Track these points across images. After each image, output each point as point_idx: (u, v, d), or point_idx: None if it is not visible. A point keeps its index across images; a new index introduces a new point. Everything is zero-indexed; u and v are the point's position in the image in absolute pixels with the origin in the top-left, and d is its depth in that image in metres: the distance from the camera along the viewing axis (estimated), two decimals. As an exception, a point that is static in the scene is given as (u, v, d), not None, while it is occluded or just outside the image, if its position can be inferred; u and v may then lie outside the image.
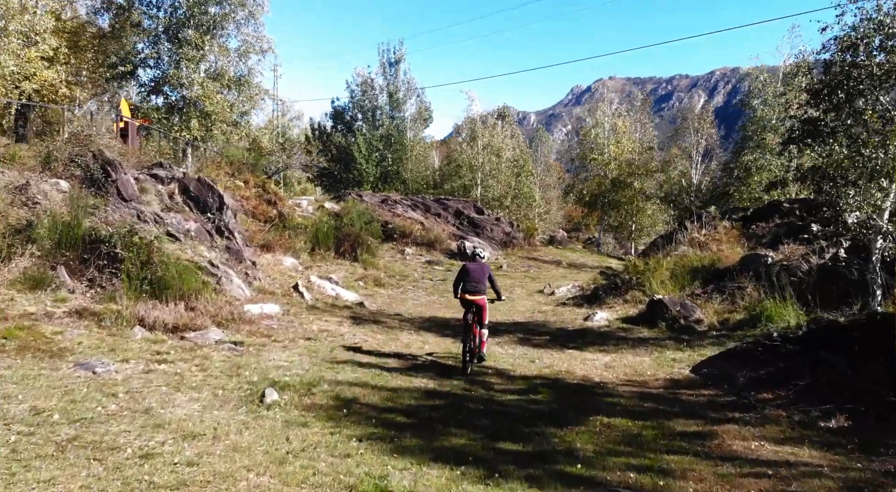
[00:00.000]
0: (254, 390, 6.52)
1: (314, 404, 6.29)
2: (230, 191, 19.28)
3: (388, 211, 26.20)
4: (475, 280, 9.27)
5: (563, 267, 24.61)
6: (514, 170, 39.18)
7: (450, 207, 29.01)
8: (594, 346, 10.78)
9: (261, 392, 6.42)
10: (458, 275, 9.61)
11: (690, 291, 13.81)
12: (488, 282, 9.41)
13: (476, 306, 9.13)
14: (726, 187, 30.13)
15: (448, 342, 10.62)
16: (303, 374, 7.36)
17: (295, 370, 7.51)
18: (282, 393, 6.51)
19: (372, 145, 43.20)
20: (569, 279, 20.59)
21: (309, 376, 7.31)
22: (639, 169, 34.50)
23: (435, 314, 13.89)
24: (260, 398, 6.28)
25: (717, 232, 16.16)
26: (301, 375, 7.31)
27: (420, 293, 16.88)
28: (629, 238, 36.83)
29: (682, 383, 8.21)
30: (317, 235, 19.04)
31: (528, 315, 14.33)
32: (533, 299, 16.67)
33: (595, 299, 15.08)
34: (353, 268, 18.57)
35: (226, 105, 23.97)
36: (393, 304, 14.94)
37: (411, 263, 21.85)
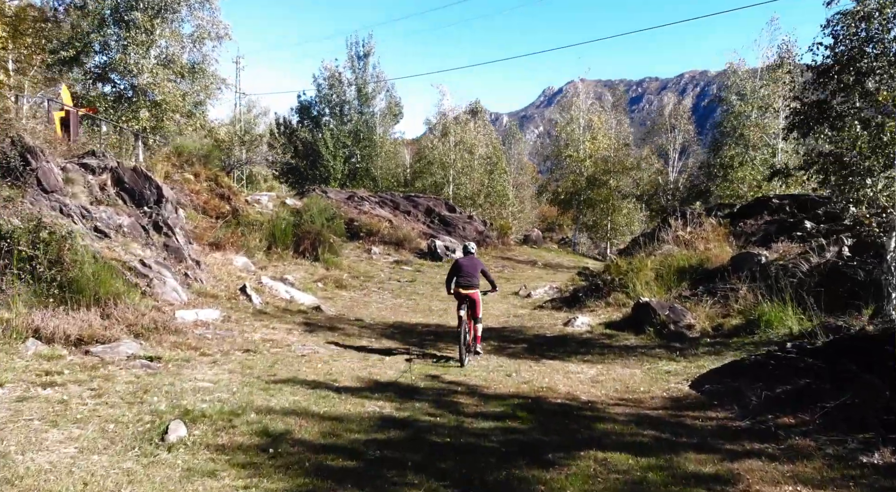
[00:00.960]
0: (156, 423, 5.11)
1: (232, 442, 4.90)
2: (178, 184, 17.69)
3: (354, 208, 24.77)
4: (468, 274, 9.36)
5: (538, 267, 23.45)
6: (487, 167, 38.02)
7: (420, 204, 27.67)
8: (577, 355, 9.56)
9: (165, 426, 5.01)
10: (450, 270, 9.69)
11: (678, 294, 12.72)
12: (481, 275, 9.55)
13: (470, 300, 9.24)
14: (706, 185, 29.31)
15: (414, 352, 9.29)
16: (227, 398, 5.95)
17: (218, 394, 6.09)
18: (192, 427, 5.11)
19: (339, 141, 41.65)
20: (545, 280, 19.43)
21: (234, 401, 5.90)
22: (614, 166, 33.59)
23: (400, 319, 12.55)
24: (162, 435, 4.87)
25: (703, 230, 15.13)
26: (224, 400, 5.90)
27: (385, 296, 15.51)
28: (605, 238, 35.91)
29: (683, 402, 7.00)
30: (273, 233, 17.54)
31: (502, 320, 13.08)
32: (508, 302, 15.44)
33: (575, 302, 13.91)
34: (313, 268, 17.12)
35: (178, 94, 22.24)
36: (354, 308, 13.55)
37: (378, 263, 20.47)
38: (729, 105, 29.29)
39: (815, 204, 14.71)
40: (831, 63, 8.96)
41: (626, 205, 34.76)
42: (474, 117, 39.00)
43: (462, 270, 9.42)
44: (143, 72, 21.91)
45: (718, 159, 28.77)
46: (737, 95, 28.99)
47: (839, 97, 9.14)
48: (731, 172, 27.59)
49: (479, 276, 9.48)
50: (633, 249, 17.46)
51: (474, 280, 9.38)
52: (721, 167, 28.36)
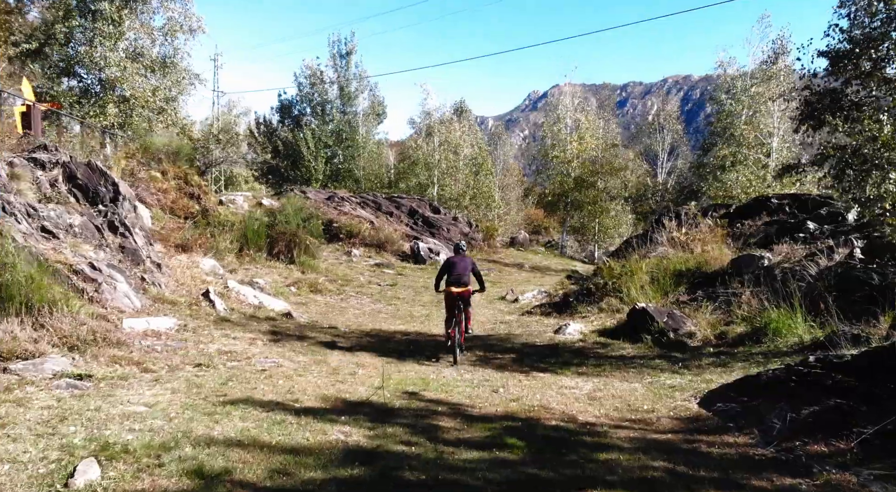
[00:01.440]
0: (63, 463, 4.15)
1: (154, 487, 3.96)
2: (144, 182, 16.65)
3: (333, 209, 23.79)
4: (460, 273, 9.43)
5: (525, 270, 22.63)
6: (472, 168, 37.18)
7: (403, 205, 26.75)
8: (570, 367, 8.69)
9: (73, 467, 4.05)
10: (441, 269, 9.79)
11: (675, 299, 11.93)
12: (472, 274, 9.61)
13: (462, 298, 9.35)
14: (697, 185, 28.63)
15: (392, 366, 8.36)
16: (160, 427, 5.00)
17: (152, 421, 5.13)
18: (108, 467, 4.16)
19: (321, 141, 40.60)
20: (533, 284, 18.60)
21: (169, 430, 4.95)
22: (602, 167, 32.88)
23: (379, 327, 11.62)
24: (66, 479, 3.92)
25: (699, 231, 14.37)
26: (157, 429, 4.94)
27: (364, 301, 14.57)
28: (592, 240, 35.19)
29: (694, 424, 6.16)
30: (245, 235, 16.52)
31: (488, 327, 12.20)
32: (494, 307, 14.57)
33: (565, 307, 13.07)
34: (287, 271, 16.14)
35: (148, 89, 21.17)
36: (329, 314, 12.60)
37: (358, 265, 19.51)
38: (720, 104, 28.70)
39: (817, 204, 14.02)
40: (847, 48, 8.19)
41: (614, 207, 34.07)
42: (459, 117, 38.16)
43: (455, 269, 9.47)
44: (110, 65, 20.82)
45: (711, 160, 28.12)
46: (727, 94, 28.40)
47: (854, 85, 8.36)
48: (723, 172, 26.96)
49: (470, 274, 9.53)
50: (625, 251, 16.67)
51: (465, 278, 9.43)
52: (713, 168, 27.71)
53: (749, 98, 26.76)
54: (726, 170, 26.71)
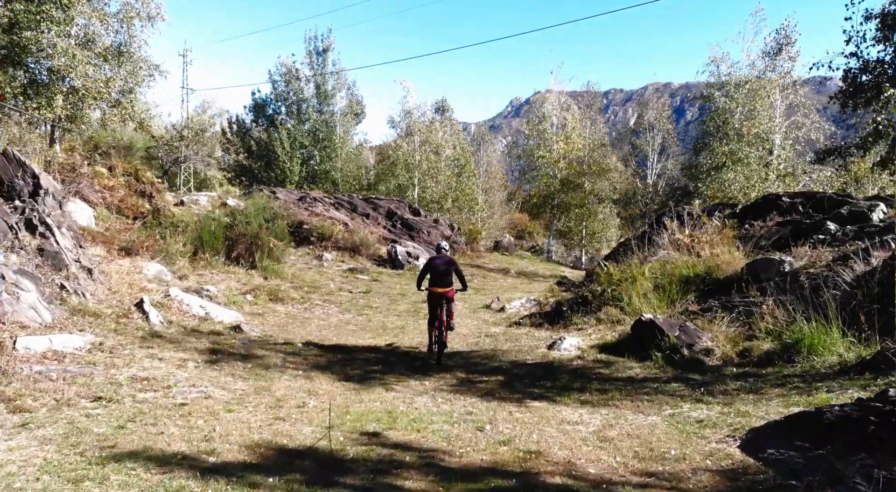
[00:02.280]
0: None
1: None
2: (87, 178, 14.90)
3: (305, 209, 22.13)
4: (443, 273, 9.43)
5: (511, 276, 21.14)
6: (454, 170, 35.70)
7: (381, 206, 25.16)
8: (571, 393, 7.17)
9: None
10: (423, 268, 9.85)
11: (684, 308, 10.48)
12: (455, 273, 9.60)
13: (446, 298, 9.33)
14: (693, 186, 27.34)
15: (353, 393, 6.77)
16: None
17: (-24, 499, 3.51)
18: None
19: (297, 141, 38.91)
20: (520, 291, 17.11)
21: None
22: (590, 168, 31.55)
23: (345, 341, 10.01)
24: None
25: (704, 232, 12.96)
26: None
27: (332, 310, 12.95)
28: (579, 245, 33.84)
29: (743, 480, 4.65)
30: (201, 236, 14.84)
31: (472, 341, 10.64)
32: (478, 317, 13.03)
33: (558, 318, 11.56)
34: (247, 277, 14.48)
35: (101, 80, 19.38)
36: (288, 326, 10.96)
37: (329, 271, 17.87)
38: (713, 102, 27.52)
39: (835, 203, 12.70)
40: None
41: (602, 210, 32.75)
42: (441, 116, 36.67)
43: (437, 271, 9.46)
44: (58, 53, 19.00)
45: (704, 159, 26.86)
46: (720, 91, 27.23)
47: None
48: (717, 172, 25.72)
49: (452, 274, 9.52)
50: (620, 254, 15.20)
51: (448, 278, 9.44)
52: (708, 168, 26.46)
53: (744, 94, 25.61)
54: (723, 169, 25.48)
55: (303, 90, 41.18)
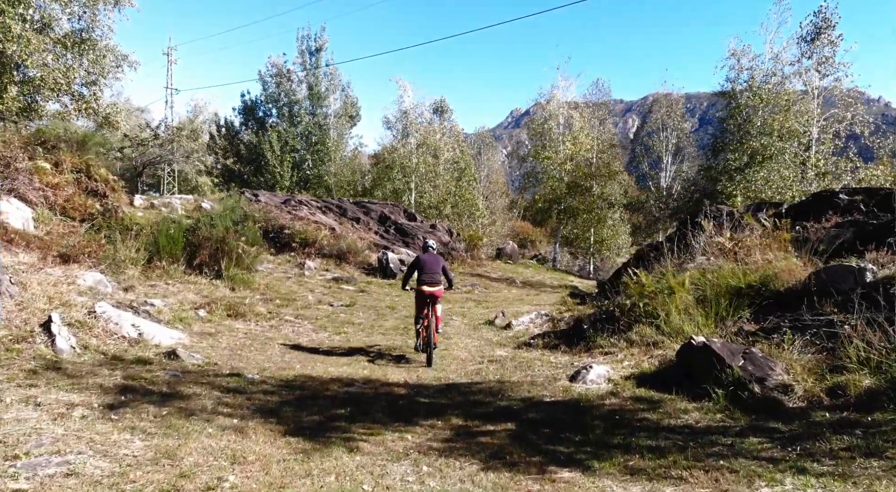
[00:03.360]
0: None
1: None
2: (24, 174, 12.87)
3: (287, 213, 20.07)
4: (432, 271, 9.24)
5: (516, 287, 19.05)
6: (454, 173, 33.66)
7: (373, 210, 23.11)
8: (611, 455, 5.04)
9: None
10: (410, 266, 9.73)
11: (737, 328, 8.38)
12: (442, 272, 9.38)
13: (433, 297, 9.12)
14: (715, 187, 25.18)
15: (299, 461, 4.63)
16: None
17: None
18: None
19: (288, 145, 36.92)
20: (527, 303, 15.02)
21: None
22: (599, 170, 29.47)
23: (310, 371, 7.88)
24: None
25: (749, 235, 10.87)
26: None
27: (304, 328, 10.83)
28: (587, 253, 31.70)
29: None
30: (157, 241, 12.78)
31: (472, 368, 8.51)
32: (480, 336, 10.92)
33: (578, 338, 9.45)
34: (210, 288, 12.41)
35: (59, 69, 17.34)
36: (244, 350, 8.84)
37: (310, 280, 15.78)
38: (734, 99, 25.47)
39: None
40: None
41: (611, 215, 30.64)
42: (440, 117, 34.68)
43: (425, 267, 9.26)
44: (11, 38, 16.97)
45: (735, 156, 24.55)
46: (743, 86, 25.18)
47: None
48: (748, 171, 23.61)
49: (440, 272, 9.34)
50: (645, 261, 13.09)
51: (437, 276, 9.26)
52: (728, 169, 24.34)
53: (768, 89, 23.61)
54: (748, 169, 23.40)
55: (295, 91, 39.25)
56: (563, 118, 31.06)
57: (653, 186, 29.81)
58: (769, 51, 25.10)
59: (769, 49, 25.12)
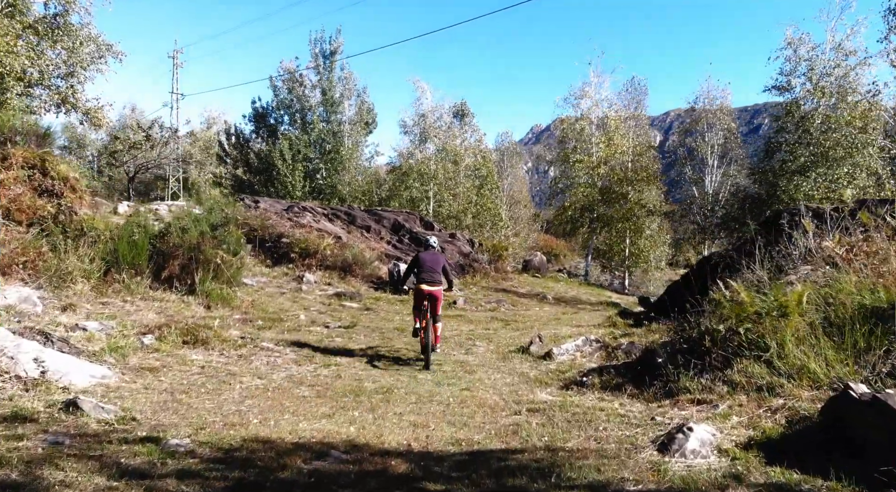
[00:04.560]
0: None
1: None
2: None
3: (288, 220, 17.80)
4: (431, 270, 8.97)
5: (548, 303, 16.49)
6: (475, 181, 31.26)
7: (385, 218, 20.77)
8: None
9: None
10: (410, 264, 9.38)
11: (889, 365, 5.78)
12: (442, 272, 9.10)
13: (432, 298, 8.83)
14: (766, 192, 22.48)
15: None
16: None
17: None
18: None
19: (300, 153, 34.89)
20: (565, 324, 12.47)
21: None
22: (636, 174, 26.80)
23: (270, 431, 5.38)
24: None
25: (868, 240, 8.25)
26: None
27: (283, 359, 8.39)
28: (622, 266, 28.94)
29: None
30: (117, 249, 10.52)
31: (505, 422, 5.95)
32: (512, 368, 8.40)
33: (650, 375, 6.88)
34: (180, 306, 10.12)
35: (27, 55, 15.35)
36: (189, 393, 6.40)
37: (308, 296, 13.43)
38: (789, 91, 22.80)
39: None
40: None
41: (650, 223, 27.88)
42: (460, 121, 32.35)
43: (425, 266, 9.02)
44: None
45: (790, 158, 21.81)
46: (802, 78, 22.50)
47: None
48: (822, 168, 20.84)
49: (440, 272, 9.04)
50: (711, 274, 10.44)
51: (437, 276, 8.99)
52: (787, 170, 21.60)
53: (832, 80, 20.96)
54: (825, 164, 20.62)
55: (308, 97, 37.35)
56: (597, 118, 28.35)
57: (697, 191, 27.11)
58: (830, 40, 22.43)
59: (830, 38, 22.46)
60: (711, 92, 28.46)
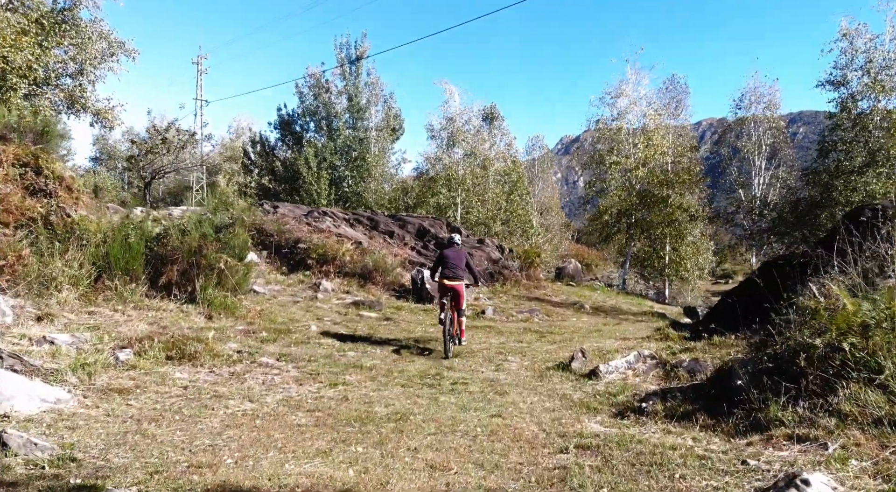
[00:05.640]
0: None
1: None
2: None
3: (306, 225, 16.78)
4: (454, 266, 9.23)
5: (586, 313, 15.10)
6: (504, 186, 29.98)
7: (410, 223, 19.65)
8: None
9: None
10: (436, 261, 9.67)
11: None
12: (466, 268, 9.41)
13: (454, 292, 9.10)
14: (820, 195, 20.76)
15: None
16: None
17: None
18: None
19: (325, 160, 34.09)
20: (607, 336, 11.10)
21: None
22: (678, 176, 25.16)
23: (244, 477, 4.14)
24: None
25: None
26: None
27: (283, 377, 7.20)
28: (662, 274, 27.25)
29: None
30: (108, 253, 9.55)
31: (548, 462, 4.63)
32: (551, 389, 7.09)
33: (727, 401, 5.51)
34: (177, 316, 9.11)
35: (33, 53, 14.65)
36: (159, 421, 5.23)
37: (323, 305, 12.32)
38: (845, 86, 21.05)
39: None
40: None
41: (693, 229, 26.17)
42: (489, 124, 31.14)
43: (448, 262, 9.27)
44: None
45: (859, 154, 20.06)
46: (859, 72, 20.75)
47: None
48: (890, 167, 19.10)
49: (464, 267, 9.33)
50: (780, 279, 8.96)
51: (459, 271, 9.24)
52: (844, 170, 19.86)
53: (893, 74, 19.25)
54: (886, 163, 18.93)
55: (334, 104, 36.59)
56: (636, 117, 26.76)
57: (743, 194, 25.36)
58: (890, 30, 20.66)
59: (890, 28, 20.68)
60: (759, 89, 26.80)
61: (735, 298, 10.83)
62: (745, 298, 10.24)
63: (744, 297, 10.49)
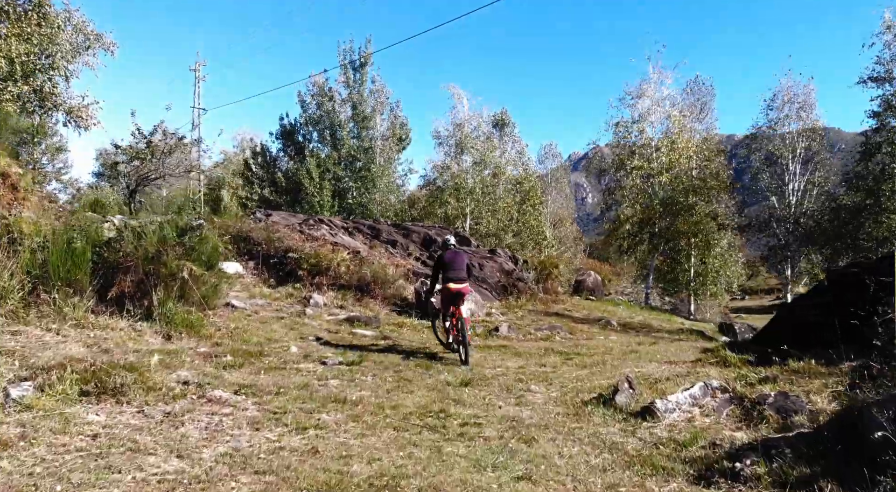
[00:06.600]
0: None
1: None
2: None
3: (299, 233, 15.15)
4: (457, 269, 8.86)
5: (615, 331, 13.30)
6: (515, 196, 28.29)
7: (415, 232, 18.00)
8: None
9: None
10: (435, 266, 9.38)
11: None
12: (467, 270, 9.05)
13: (461, 295, 8.69)
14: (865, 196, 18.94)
15: None
16: None
17: None
18: None
19: (328, 170, 32.64)
20: (647, 358, 9.34)
21: None
22: (705, 183, 23.35)
23: None
24: None
25: None
26: None
27: (235, 418, 5.45)
28: (687, 288, 25.33)
29: None
30: (48, 261, 7.93)
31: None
32: (593, 434, 5.31)
33: (869, 465, 3.75)
34: (127, 335, 7.46)
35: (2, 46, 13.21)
36: None
37: (311, 322, 10.63)
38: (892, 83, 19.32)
39: None
40: None
41: (722, 239, 24.28)
42: (500, 131, 29.54)
43: (451, 265, 8.89)
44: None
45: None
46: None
47: None
48: None
49: (465, 269, 8.99)
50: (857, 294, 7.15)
51: (462, 273, 8.89)
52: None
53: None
54: None
55: (337, 113, 35.17)
56: (659, 119, 24.88)
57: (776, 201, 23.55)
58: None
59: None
60: (792, 88, 24.93)
61: (802, 312, 9.04)
62: (816, 312, 8.49)
63: (813, 310, 8.73)
